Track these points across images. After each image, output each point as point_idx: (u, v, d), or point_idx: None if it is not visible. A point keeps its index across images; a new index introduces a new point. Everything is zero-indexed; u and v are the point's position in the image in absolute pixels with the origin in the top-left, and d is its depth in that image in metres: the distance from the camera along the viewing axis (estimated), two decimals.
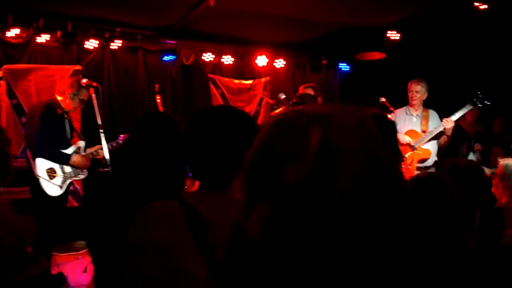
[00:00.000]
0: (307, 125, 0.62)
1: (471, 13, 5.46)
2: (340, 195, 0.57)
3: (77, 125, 5.17)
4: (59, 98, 4.38)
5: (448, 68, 6.52)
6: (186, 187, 5.14)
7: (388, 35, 6.50)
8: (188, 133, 1.43)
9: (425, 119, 4.77)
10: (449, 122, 4.56)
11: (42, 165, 4.18)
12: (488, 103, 4.75)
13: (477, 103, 4.75)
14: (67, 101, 4.36)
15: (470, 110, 4.84)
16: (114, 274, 1.77)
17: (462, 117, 5.41)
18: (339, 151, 0.59)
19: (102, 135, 4.20)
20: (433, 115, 4.84)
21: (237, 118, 1.44)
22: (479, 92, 4.75)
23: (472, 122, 5.84)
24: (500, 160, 3.06)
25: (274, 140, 0.65)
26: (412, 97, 4.82)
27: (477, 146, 5.65)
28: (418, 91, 4.80)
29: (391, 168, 0.63)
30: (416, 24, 6.11)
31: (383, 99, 4.91)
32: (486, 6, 5.38)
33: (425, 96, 4.82)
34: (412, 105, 4.81)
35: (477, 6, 5.40)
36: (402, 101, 5.04)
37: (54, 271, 4.35)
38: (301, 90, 4.92)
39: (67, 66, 5.87)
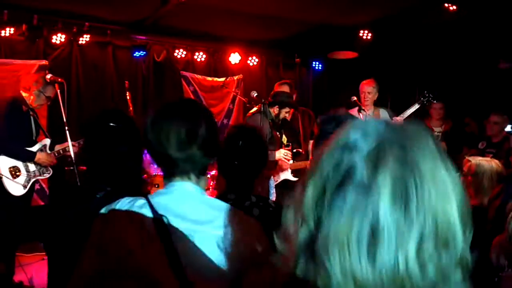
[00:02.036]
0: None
1: (442, 14, 5.55)
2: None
3: (43, 121, 5.02)
4: (24, 94, 4.25)
5: (419, 69, 6.61)
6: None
7: (360, 34, 6.55)
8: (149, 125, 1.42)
9: (376, 117, 4.87)
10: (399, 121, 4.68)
11: (5, 163, 4.03)
12: (431, 97, 4.90)
13: (424, 101, 4.90)
14: (32, 98, 4.23)
15: (417, 109, 4.96)
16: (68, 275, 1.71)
17: (429, 115, 5.54)
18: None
19: (67, 132, 4.08)
20: (383, 113, 5.01)
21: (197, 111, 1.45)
22: (426, 92, 4.91)
23: (437, 120, 5.93)
24: (470, 159, 3.09)
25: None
26: (364, 98, 4.99)
27: (441, 144, 5.74)
28: (369, 92, 5.00)
29: None
30: (387, 24, 6.18)
31: (355, 98, 4.95)
32: (455, 7, 5.47)
33: (375, 97, 4.99)
34: (364, 106, 4.91)
35: (447, 7, 5.49)
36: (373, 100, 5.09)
37: (18, 272, 4.21)
38: (276, 87, 4.91)
39: (32, 61, 5.68)
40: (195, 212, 1.34)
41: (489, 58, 6.25)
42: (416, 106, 4.87)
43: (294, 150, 4.68)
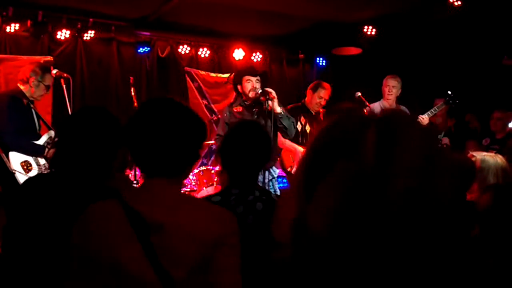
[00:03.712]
0: (364, 125, 0.66)
1: (446, 9, 5.53)
2: (398, 189, 0.61)
3: (48, 117, 5.03)
4: (21, 87, 4.21)
5: (423, 64, 6.59)
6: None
7: (364, 30, 6.53)
8: (133, 123, 1.47)
9: None
10: (424, 120, 4.65)
11: (16, 159, 4.04)
12: (458, 102, 4.84)
13: (450, 102, 4.85)
14: (32, 89, 4.19)
15: (442, 108, 4.92)
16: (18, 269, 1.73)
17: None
18: (396, 148, 0.63)
19: None
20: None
21: (179, 110, 1.49)
22: (449, 92, 4.84)
23: (442, 118, 5.92)
24: (474, 154, 3.09)
25: (333, 136, 0.68)
26: (388, 92, 4.89)
27: (445, 140, 5.74)
28: (394, 86, 4.90)
29: (446, 164, 0.66)
30: (392, 20, 6.16)
31: (359, 94, 4.95)
32: (460, 3, 5.46)
33: (399, 92, 4.91)
34: (387, 100, 4.85)
35: (452, 3, 5.47)
36: (377, 96, 5.08)
37: None
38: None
39: (37, 57, 5.69)
40: (167, 205, 1.40)
41: (493, 54, 6.22)
42: (442, 106, 4.81)
43: None
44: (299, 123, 4.79)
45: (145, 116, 1.46)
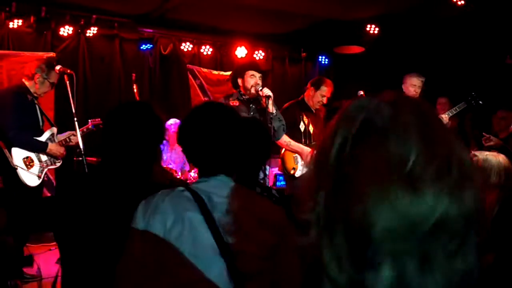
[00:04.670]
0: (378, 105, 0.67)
1: (449, 8, 5.53)
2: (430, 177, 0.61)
3: (50, 113, 5.04)
4: (27, 83, 4.22)
5: (426, 64, 6.59)
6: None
7: (367, 29, 6.53)
8: (188, 125, 1.58)
9: None
10: (445, 119, 4.65)
11: (18, 155, 4.05)
12: (481, 103, 4.80)
13: (472, 102, 4.80)
14: (37, 85, 4.21)
15: (464, 108, 4.88)
16: (81, 265, 1.74)
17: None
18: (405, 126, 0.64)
19: (76, 124, 4.10)
20: None
21: (226, 114, 1.60)
22: (473, 93, 4.80)
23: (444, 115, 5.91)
24: (476, 153, 3.08)
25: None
26: (415, 92, 4.80)
27: None
28: (420, 86, 4.84)
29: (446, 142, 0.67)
30: (395, 19, 6.16)
31: (362, 93, 4.93)
32: (463, 2, 5.45)
33: (419, 91, 4.87)
34: None
35: (455, 2, 5.47)
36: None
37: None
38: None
39: (40, 53, 5.70)
40: (229, 194, 1.51)
41: (496, 53, 6.21)
42: (464, 105, 4.76)
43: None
44: (302, 123, 4.69)
45: (206, 120, 1.56)
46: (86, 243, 1.75)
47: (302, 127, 4.69)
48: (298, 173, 4.61)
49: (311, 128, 4.76)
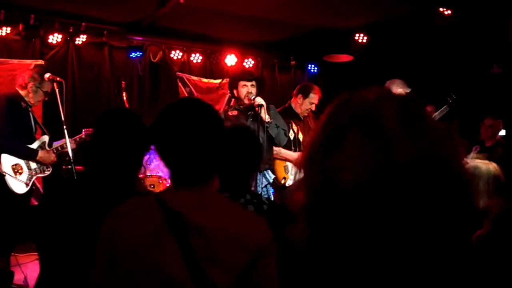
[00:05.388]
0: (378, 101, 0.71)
1: (437, 18, 5.61)
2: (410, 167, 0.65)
3: (39, 121, 5.01)
4: (21, 92, 4.23)
5: (414, 72, 6.66)
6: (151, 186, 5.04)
7: (356, 38, 6.59)
8: (158, 128, 1.41)
9: None
10: None
11: (7, 161, 4.03)
12: (456, 104, 4.84)
13: (452, 104, 4.82)
14: (30, 95, 4.21)
15: (447, 111, 4.91)
16: (60, 274, 1.72)
17: None
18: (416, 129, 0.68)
19: (66, 131, 4.08)
20: None
21: (204, 111, 1.46)
22: (452, 94, 4.83)
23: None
24: (467, 161, 3.11)
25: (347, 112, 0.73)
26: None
27: None
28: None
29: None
30: (383, 28, 6.23)
31: None
32: (450, 12, 5.54)
33: None
34: None
35: (442, 12, 5.55)
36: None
37: (15, 271, 4.20)
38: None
39: (28, 61, 5.68)
40: (207, 208, 1.36)
41: (482, 62, 6.30)
42: (446, 110, 4.76)
43: None
44: (291, 131, 4.67)
45: (175, 122, 1.39)
46: (67, 254, 1.73)
47: (291, 135, 4.67)
48: (289, 183, 4.57)
49: (300, 136, 4.75)
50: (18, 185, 4.05)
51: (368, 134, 0.67)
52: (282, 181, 4.58)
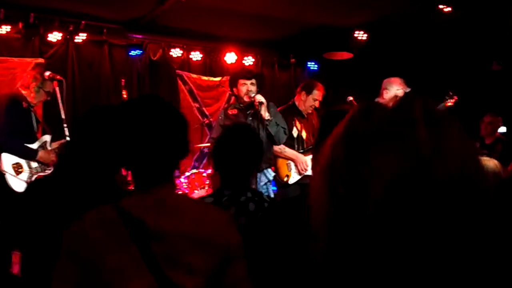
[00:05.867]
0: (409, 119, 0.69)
1: (436, 15, 5.61)
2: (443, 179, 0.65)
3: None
4: (23, 92, 4.25)
5: (414, 69, 6.67)
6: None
7: (355, 35, 6.59)
8: (118, 121, 1.36)
9: None
10: None
11: (7, 160, 4.04)
12: (455, 102, 4.83)
13: (449, 100, 4.81)
14: (32, 94, 4.23)
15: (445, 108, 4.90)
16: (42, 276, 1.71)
17: None
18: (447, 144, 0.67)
19: (66, 130, 4.09)
20: None
21: (161, 109, 1.37)
22: (450, 91, 4.83)
23: None
24: None
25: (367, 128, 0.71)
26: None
27: None
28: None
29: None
30: (382, 25, 6.23)
31: (351, 98, 4.96)
32: (450, 9, 5.53)
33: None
34: (383, 100, 4.83)
35: (442, 9, 5.55)
36: (369, 100, 5.09)
37: (15, 269, 4.20)
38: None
39: (28, 59, 5.67)
40: (170, 211, 1.32)
41: (482, 59, 6.31)
42: (443, 105, 4.74)
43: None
44: (294, 128, 4.67)
45: (130, 121, 1.33)
46: (44, 252, 1.71)
47: (295, 133, 4.67)
48: (291, 180, 4.57)
49: (304, 134, 4.75)
50: (18, 183, 4.06)
51: (397, 147, 0.66)
52: (285, 179, 4.59)
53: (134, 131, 1.30)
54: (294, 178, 4.56)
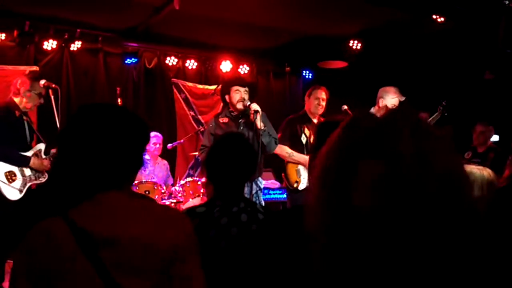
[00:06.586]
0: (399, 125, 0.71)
1: (430, 25, 5.66)
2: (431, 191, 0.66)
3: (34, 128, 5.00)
4: (16, 99, 4.22)
5: (407, 79, 6.71)
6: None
7: (350, 44, 6.63)
8: (72, 133, 1.37)
9: None
10: None
11: (0, 168, 4.02)
12: (447, 112, 4.85)
13: (444, 112, 4.83)
14: (25, 100, 4.19)
15: (439, 118, 4.92)
16: None
17: None
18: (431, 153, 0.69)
19: None
20: None
21: (119, 115, 1.39)
22: (443, 101, 4.85)
23: None
24: None
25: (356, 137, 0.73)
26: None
27: None
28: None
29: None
30: (377, 34, 6.27)
31: (345, 107, 4.98)
32: (443, 19, 5.59)
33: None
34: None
35: (436, 19, 5.60)
36: (364, 109, 5.13)
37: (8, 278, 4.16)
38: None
39: (23, 67, 5.66)
40: (118, 218, 1.32)
41: (475, 69, 6.36)
42: (437, 117, 4.76)
43: None
44: (303, 135, 4.69)
45: (85, 127, 1.35)
46: None
47: (303, 139, 4.69)
48: (301, 186, 4.57)
49: (312, 140, 4.77)
50: (11, 191, 4.04)
51: (382, 158, 0.67)
52: (295, 185, 4.60)
53: (83, 138, 1.33)
54: (303, 184, 4.57)
